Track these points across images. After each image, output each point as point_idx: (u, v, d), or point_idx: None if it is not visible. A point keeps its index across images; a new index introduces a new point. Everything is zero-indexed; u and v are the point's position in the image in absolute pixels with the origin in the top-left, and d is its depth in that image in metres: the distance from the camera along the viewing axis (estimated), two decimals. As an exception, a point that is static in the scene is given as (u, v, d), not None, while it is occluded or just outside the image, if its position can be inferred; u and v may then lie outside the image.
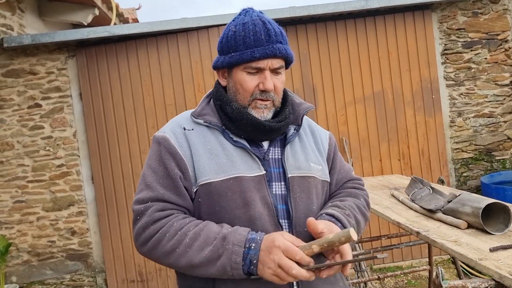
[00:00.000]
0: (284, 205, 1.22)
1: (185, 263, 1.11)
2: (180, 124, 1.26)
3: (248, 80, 1.21)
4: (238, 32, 1.20)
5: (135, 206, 1.19)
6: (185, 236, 1.11)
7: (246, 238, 1.09)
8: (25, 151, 4.26)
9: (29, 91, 4.26)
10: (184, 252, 1.10)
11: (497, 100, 4.53)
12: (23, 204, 4.28)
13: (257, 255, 1.06)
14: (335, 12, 4.21)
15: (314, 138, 1.38)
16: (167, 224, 1.13)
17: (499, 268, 1.30)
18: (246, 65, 1.20)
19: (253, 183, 1.18)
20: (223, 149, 1.21)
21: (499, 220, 1.69)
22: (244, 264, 1.07)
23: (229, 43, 1.21)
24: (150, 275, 4.30)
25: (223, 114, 1.25)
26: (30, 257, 4.32)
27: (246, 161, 1.20)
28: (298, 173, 1.25)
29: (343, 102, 4.39)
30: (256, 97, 1.22)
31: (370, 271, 4.10)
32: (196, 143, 1.21)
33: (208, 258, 1.09)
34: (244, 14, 1.25)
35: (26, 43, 3.99)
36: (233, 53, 1.20)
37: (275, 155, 1.27)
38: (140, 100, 4.27)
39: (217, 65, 1.26)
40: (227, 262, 1.07)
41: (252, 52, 1.17)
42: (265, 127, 1.21)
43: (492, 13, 4.47)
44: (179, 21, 4.14)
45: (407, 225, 1.93)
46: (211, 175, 1.17)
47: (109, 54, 4.26)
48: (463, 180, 4.56)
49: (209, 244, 1.09)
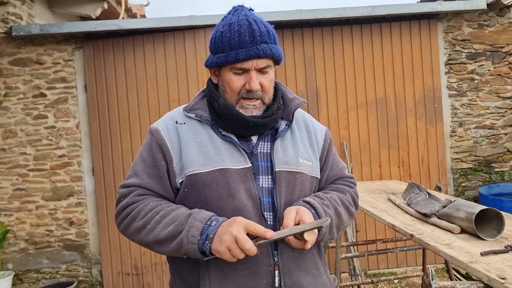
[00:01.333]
0: (270, 198, 1.25)
1: (152, 238, 1.17)
2: (173, 117, 1.32)
3: (235, 80, 1.24)
4: (224, 33, 1.22)
5: (121, 189, 1.29)
6: (156, 213, 1.19)
7: (209, 217, 1.15)
8: (28, 140, 4.30)
9: (35, 80, 4.30)
10: (153, 228, 1.17)
11: (499, 112, 4.55)
12: (23, 192, 4.32)
13: (215, 231, 1.11)
14: (341, 17, 4.24)
15: (308, 133, 1.39)
16: (143, 203, 1.22)
17: (489, 271, 1.33)
18: (231, 65, 1.23)
19: (238, 175, 1.22)
20: (212, 142, 1.25)
21: (492, 226, 1.71)
22: (200, 239, 1.11)
23: (217, 44, 1.24)
24: (145, 269, 4.32)
25: (212, 109, 1.30)
26: (27, 245, 4.35)
27: (233, 154, 1.24)
28: (286, 168, 1.27)
29: (345, 106, 4.42)
30: (243, 96, 1.25)
31: (364, 276, 4.12)
32: (186, 136, 1.26)
33: (172, 233, 1.14)
34: (233, 13, 1.27)
35: (34, 32, 4.03)
36: (220, 54, 1.23)
37: (264, 149, 1.29)
38: (145, 95, 4.31)
39: (207, 64, 1.31)
40: (185, 235, 1.12)
41: (237, 53, 1.20)
42: (250, 122, 1.25)
43: (497, 26, 4.50)
44: (187, 19, 4.17)
45: (402, 228, 1.95)
46: (198, 166, 1.22)
47: (116, 48, 4.30)
48: (461, 190, 4.57)
49: (175, 221, 1.15)
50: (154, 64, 4.30)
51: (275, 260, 1.21)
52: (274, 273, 1.21)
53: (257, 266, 1.20)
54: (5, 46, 4.24)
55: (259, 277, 1.19)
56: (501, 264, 1.39)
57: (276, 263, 1.21)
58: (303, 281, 1.25)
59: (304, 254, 1.27)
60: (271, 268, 1.21)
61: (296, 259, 1.25)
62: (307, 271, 1.27)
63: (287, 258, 1.23)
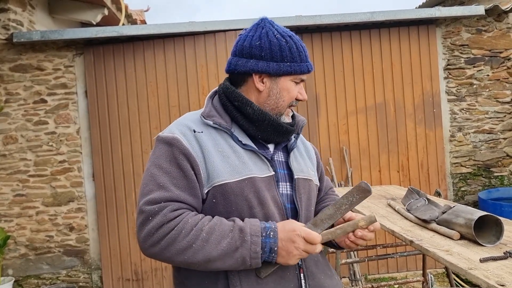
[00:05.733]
0: (290, 204, 1.30)
1: (202, 257, 1.12)
2: (188, 126, 1.26)
3: (294, 89, 1.32)
4: (290, 44, 1.27)
5: (147, 206, 1.15)
6: (201, 231, 1.13)
7: (261, 227, 1.15)
8: (28, 146, 4.31)
9: (36, 86, 4.31)
10: (202, 247, 1.12)
11: (498, 117, 4.57)
12: (24, 198, 4.32)
13: (277, 243, 1.14)
14: (341, 23, 4.27)
15: (305, 147, 1.50)
16: (182, 221, 1.14)
17: (488, 277, 1.33)
18: (297, 76, 1.30)
19: (264, 183, 1.24)
20: (234, 151, 1.24)
21: (491, 232, 1.72)
22: (263, 253, 1.14)
23: (283, 53, 1.26)
24: (145, 275, 4.32)
25: (240, 115, 1.28)
26: (27, 251, 4.35)
27: (256, 163, 1.25)
28: (302, 175, 1.34)
29: (345, 111, 4.43)
30: (292, 104, 1.34)
31: (364, 280, 4.13)
32: (208, 146, 1.22)
33: (226, 251, 1.12)
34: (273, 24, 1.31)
35: (35, 39, 4.05)
36: (290, 63, 1.26)
37: (280, 158, 1.35)
38: (145, 100, 4.32)
39: (263, 69, 1.26)
40: (247, 252, 1.12)
41: (307, 66, 1.30)
42: (283, 128, 1.30)
43: (495, 31, 4.53)
44: (187, 25, 4.20)
45: (401, 234, 1.96)
46: (226, 176, 1.19)
47: (116, 54, 4.32)
48: (461, 194, 4.58)
49: (226, 236, 1.13)
50: (154, 70, 4.32)
51: (299, 264, 1.26)
52: (300, 276, 1.26)
53: (284, 270, 1.23)
54: (6, 52, 4.26)
55: (286, 281, 1.23)
56: (500, 270, 1.40)
57: (301, 266, 1.26)
58: (323, 282, 1.31)
59: (321, 257, 1.36)
60: (296, 271, 1.25)
61: (316, 262, 1.32)
62: (325, 273, 1.33)
63: (309, 260, 1.29)
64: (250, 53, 1.27)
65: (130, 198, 4.30)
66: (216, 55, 4.29)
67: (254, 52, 1.26)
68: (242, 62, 1.28)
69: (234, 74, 1.32)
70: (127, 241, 4.32)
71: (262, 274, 1.19)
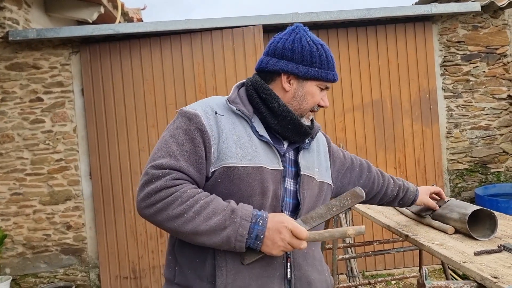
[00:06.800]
0: (291, 199, 1.34)
1: (190, 228, 1.15)
2: (211, 107, 1.31)
3: (318, 94, 1.37)
4: (321, 52, 1.33)
5: (153, 170, 1.19)
6: (195, 203, 1.16)
7: (252, 213, 1.18)
8: (25, 144, 4.30)
9: (32, 85, 4.30)
10: (192, 218, 1.15)
11: (494, 113, 4.58)
12: (20, 197, 4.32)
13: (264, 231, 1.16)
14: (337, 20, 4.27)
15: (318, 146, 1.52)
16: (180, 190, 1.17)
17: (482, 270, 1.34)
18: (323, 82, 1.35)
19: (271, 175, 1.28)
20: (249, 139, 1.28)
21: (485, 226, 1.73)
22: (249, 238, 1.16)
23: (314, 59, 1.32)
24: (143, 272, 4.32)
25: (265, 107, 1.33)
26: (24, 250, 4.34)
27: (268, 154, 1.29)
28: (307, 173, 1.39)
29: (341, 108, 4.44)
30: (313, 109, 1.39)
31: (361, 277, 4.13)
32: (225, 127, 1.26)
33: (214, 227, 1.15)
34: (306, 31, 1.37)
35: (31, 37, 4.04)
36: (318, 69, 1.33)
37: (290, 156, 1.39)
38: (141, 98, 4.32)
39: (292, 71, 1.32)
40: (233, 233, 1.15)
41: (333, 74, 1.36)
42: (302, 128, 1.35)
43: (492, 28, 4.54)
44: (183, 22, 4.19)
45: (397, 229, 1.97)
46: (236, 159, 1.23)
47: (112, 52, 4.32)
48: (458, 191, 4.60)
49: (217, 214, 1.16)
50: (151, 68, 4.32)
51: (287, 254, 1.30)
52: (287, 265, 1.29)
53: (272, 258, 1.26)
54: (2, 51, 4.25)
55: (272, 269, 1.27)
56: (494, 263, 1.40)
57: (288, 256, 1.30)
58: (310, 275, 1.34)
59: (312, 250, 1.38)
60: (283, 260, 1.29)
61: (305, 255, 1.34)
62: (314, 267, 1.37)
63: (298, 252, 1.31)
64: (282, 54, 1.33)
65: (128, 196, 4.30)
66: (213, 52, 4.29)
67: (285, 54, 1.33)
68: (273, 62, 1.34)
69: (264, 72, 1.38)
70: (125, 239, 4.31)
71: (245, 261, 1.22)
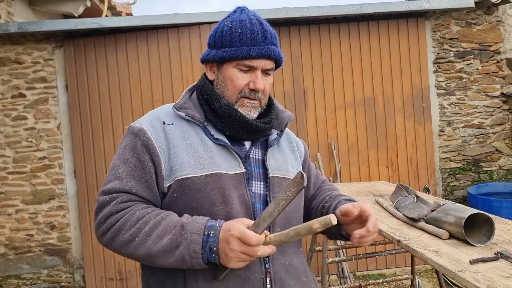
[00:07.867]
0: (262, 204, 1.21)
1: (143, 252, 1.07)
2: (159, 117, 1.22)
3: (240, 77, 1.20)
4: (234, 28, 1.19)
5: (101, 196, 1.15)
6: (145, 224, 1.08)
7: (205, 225, 1.06)
8: (7, 142, 4.16)
9: (14, 80, 4.16)
10: (143, 241, 1.07)
11: (487, 112, 4.52)
12: (2, 196, 4.18)
13: (216, 242, 1.04)
14: (329, 15, 4.18)
15: (291, 144, 1.41)
16: (128, 213, 1.11)
17: (478, 281, 1.26)
18: (239, 62, 1.19)
19: (232, 180, 1.17)
20: (204, 145, 1.19)
21: (481, 231, 1.65)
22: (204, 253, 1.05)
23: (224, 38, 1.20)
24: (129, 274, 4.21)
25: (209, 109, 1.23)
26: (7, 250, 4.21)
27: (226, 159, 1.19)
28: (278, 174, 1.26)
29: (333, 106, 4.35)
30: (245, 95, 1.21)
31: (353, 278, 4.06)
32: (175, 138, 1.18)
33: (166, 247, 1.06)
34: (240, 12, 1.25)
35: (12, 31, 3.89)
36: (227, 48, 1.19)
37: (256, 156, 1.27)
38: (127, 94, 4.19)
39: (207, 58, 1.24)
40: (186, 251, 1.04)
41: (248, 50, 1.17)
42: (252, 126, 1.22)
43: (485, 24, 4.46)
44: (171, 17, 4.07)
45: (389, 233, 1.88)
46: (190, 170, 1.14)
47: (97, 46, 4.18)
48: (450, 189, 4.54)
49: (168, 232, 1.07)
50: (137, 63, 4.19)
51: (266, 268, 1.17)
52: (266, 281, 1.16)
53: (249, 273, 1.14)
54: (-18, 45, 4.10)
55: (250, 285, 1.14)
56: (491, 273, 1.32)
57: (268, 270, 1.17)
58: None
59: (295, 261, 1.25)
60: (262, 275, 1.16)
61: (287, 267, 1.21)
62: (298, 279, 1.23)
63: (278, 265, 1.19)
64: (207, 43, 1.27)
65: (113, 195, 4.18)
66: (201, 47, 4.17)
67: (208, 42, 1.26)
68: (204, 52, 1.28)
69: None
70: (111, 240, 4.20)
71: (217, 276, 1.11)
